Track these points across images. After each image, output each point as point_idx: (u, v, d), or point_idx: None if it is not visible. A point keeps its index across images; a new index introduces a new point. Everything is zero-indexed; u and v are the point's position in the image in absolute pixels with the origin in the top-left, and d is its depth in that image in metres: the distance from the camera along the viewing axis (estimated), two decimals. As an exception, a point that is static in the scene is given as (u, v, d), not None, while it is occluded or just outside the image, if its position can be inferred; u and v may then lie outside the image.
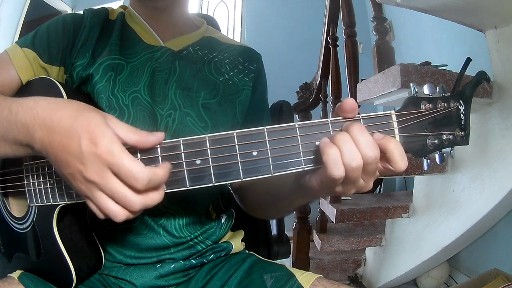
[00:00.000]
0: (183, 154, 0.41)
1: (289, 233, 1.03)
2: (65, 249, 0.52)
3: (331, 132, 0.40)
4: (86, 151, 0.37)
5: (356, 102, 0.42)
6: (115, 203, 0.39)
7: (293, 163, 0.40)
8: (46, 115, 0.40)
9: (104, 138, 0.37)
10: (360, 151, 0.38)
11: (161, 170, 0.39)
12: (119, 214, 0.39)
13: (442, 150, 0.42)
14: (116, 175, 0.38)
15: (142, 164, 0.38)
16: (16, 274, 0.56)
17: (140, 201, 0.39)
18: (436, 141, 0.41)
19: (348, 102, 0.40)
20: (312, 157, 0.40)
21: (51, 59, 0.62)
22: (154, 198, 0.40)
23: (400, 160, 0.38)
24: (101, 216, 0.41)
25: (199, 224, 0.65)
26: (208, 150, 0.41)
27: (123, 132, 0.39)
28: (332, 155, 0.38)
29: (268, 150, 0.40)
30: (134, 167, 0.37)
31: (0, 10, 2.65)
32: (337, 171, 0.38)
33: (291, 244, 1.18)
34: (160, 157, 0.41)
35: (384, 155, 0.39)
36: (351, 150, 0.38)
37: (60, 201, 0.50)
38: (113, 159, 0.37)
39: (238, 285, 0.60)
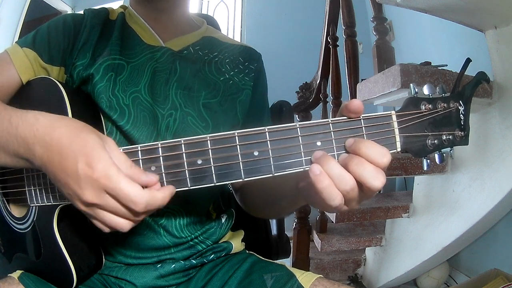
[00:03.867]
0: (184, 154, 0.41)
1: (289, 233, 1.03)
2: (66, 249, 0.52)
3: (332, 132, 0.40)
4: (82, 174, 0.37)
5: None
6: (118, 216, 0.40)
7: (294, 163, 0.40)
8: (46, 133, 0.40)
9: (100, 162, 0.37)
10: (367, 184, 0.37)
11: (161, 194, 0.39)
12: (125, 225, 0.40)
13: (442, 150, 0.42)
14: (114, 198, 0.38)
15: (140, 187, 0.38)
16: (16, 274, 0.57)
17: (142, 213, 0.40)
18: (436, 141, 0.41)
19: (354, 103, 0.40)
20: (313, 157, 0.40)
21: (52, 59, 0.62)
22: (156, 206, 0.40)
23: (377, 157, 0.37)
24: (106, 230, 0.41)
25: (200, 224, 0.65)
26: (209, 150, 0.41)
27: (118, 161, 0.39)
28: (322, 184, 0.38)
29: (269, 150, 0.40)
30: (132, 191, 0.37)
31: (0, 10, 2.65)
32: (334, 201, 0.38)
33: (291, 244, 1.18)
34: (161, 157, 0.41)
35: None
36: (343, 178, 0.37)
37: (60, 202, 0.50)
38: (110, 183, 0.37)
39: (238, 285, 0.60)
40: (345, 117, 0.41)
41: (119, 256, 0.61)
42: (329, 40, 1.89)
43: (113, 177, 0.37)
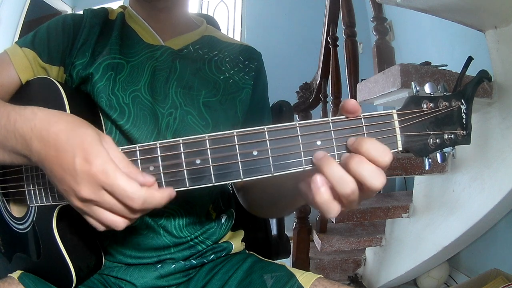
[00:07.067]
0: (182, 154, 0.41)
1: (289, 233, 1.02)
2: (65, 249, 0.52)
3: (332, 131, 0.40)
4: (79, 169, 0.37)
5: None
6: (114, 214, 0.39)
7: (293, 163, 0.40)
8: (44, 127, 0.40)
9: (98, 157, 0.37)
10: (367, 183, 0.36)
11: (159, 194, 0.39)
12: (120, 223, 0.40)
13: (444, 149, 0.42)
14: (111, 194, 0.38)
15: (137, 184, 0.38)
16: (16, 274, 0.56)
17: (138, 212, 0.39)
18: (437, 140, 0.41)
19: (349, 103, 0.39)
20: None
21: (51, 59, 0.61)
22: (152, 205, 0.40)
23: (378, 156, 0.36)
24: (101, 228, 0.41)
25: (199, 224, 0.65)
26: (208, 149, 0.40)
27: (115, 159, 0.38)
28: (321, 199, 0.37)
29: (269, 149, 0.40)
30: (129, 187, 0.37)
31: (0, 10, 2.65)
32: (330, 214, 0.38)
33: (291, 244, 1.18)
34: (159, 157, 0.41)
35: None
36: (344, 181, 0.37)
37: (59, 202, 0.50)
38: (107, 179, 0.37)
39: (238, 285, 0.60)
40: (345, 116, 0.41)
41: (119, 256, 0.61)
42: (329, 40, 1.89)
43: (111, 172, 0.37)
